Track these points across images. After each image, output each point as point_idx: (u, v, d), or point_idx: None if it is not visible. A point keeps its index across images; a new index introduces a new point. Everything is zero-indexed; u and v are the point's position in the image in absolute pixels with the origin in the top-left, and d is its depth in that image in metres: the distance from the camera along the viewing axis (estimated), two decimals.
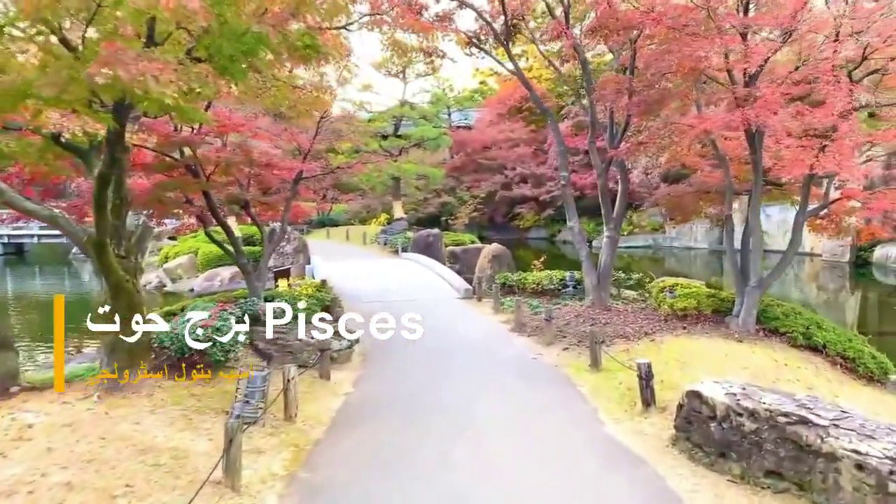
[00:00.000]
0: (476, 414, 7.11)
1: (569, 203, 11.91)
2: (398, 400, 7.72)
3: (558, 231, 37.78)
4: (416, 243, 22.63)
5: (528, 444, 6.25)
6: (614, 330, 10.04)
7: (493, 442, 6.34)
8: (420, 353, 9.89)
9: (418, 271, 18.62)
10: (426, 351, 10.00)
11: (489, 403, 7.44)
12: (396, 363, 9.55)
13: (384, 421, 6.96)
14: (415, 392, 8.01)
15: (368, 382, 8.57)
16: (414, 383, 8.44)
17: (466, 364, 9.30)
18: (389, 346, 10.50)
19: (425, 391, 8.03)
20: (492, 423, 6.80)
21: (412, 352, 10.05)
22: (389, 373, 9.11)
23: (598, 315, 11.09)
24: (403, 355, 9.88)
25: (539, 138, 39.26)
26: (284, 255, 21.18)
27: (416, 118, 29.65)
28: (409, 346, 10.41)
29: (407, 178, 28.23)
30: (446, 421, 6.87)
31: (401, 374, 8.99)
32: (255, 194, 12.27)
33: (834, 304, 25.17)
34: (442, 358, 9.68)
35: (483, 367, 9.08)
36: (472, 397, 7.66)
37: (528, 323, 11.49)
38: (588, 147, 11.71)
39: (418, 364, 9.40)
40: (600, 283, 11.60)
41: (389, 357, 9.89)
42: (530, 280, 13.88)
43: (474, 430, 6.60)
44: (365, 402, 7.69)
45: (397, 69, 28.38)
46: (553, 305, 12.73)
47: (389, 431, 6.64)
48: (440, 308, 13.76)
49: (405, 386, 8.35)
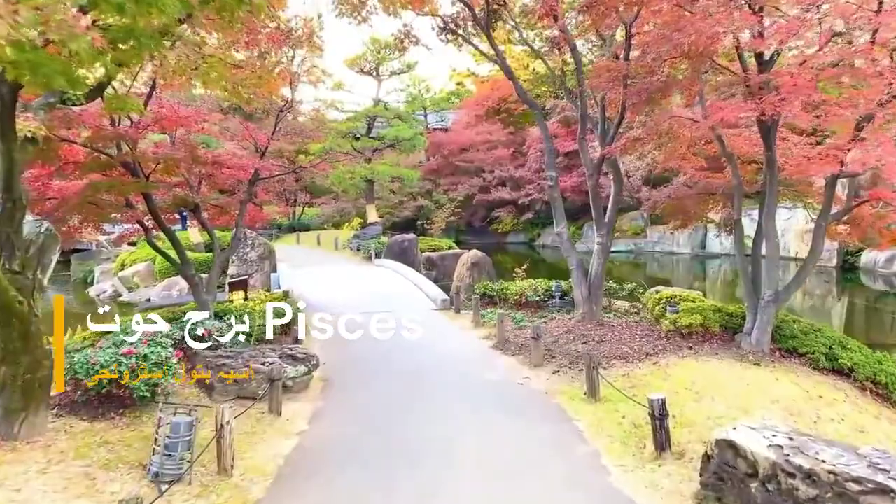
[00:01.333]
0: (454, 461, 5.86)
1: (556, 206, 10.73)
2: (360, 442, 6.42)
3: (538, 235, 36.80)
4: (390, 249, 21.36)
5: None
6: (611, 349, 8.88)
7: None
8: (390, 378, 8.64)
9: (392, 280, 17.34)
10: (397, 375, 8.75)
11: (470, 448, 6.18)
12: (362, 391, 8.26)
13: (341, 472, 5.68)
14: (381, 430, 6.72)
15: (327, 417, 7.27)
16: (381, 418, 7.15)
17: (443, 392, 8.03)
18: (355, 368, 9.22)
19: (393, 429, 6.75)
20: (473, 477, 5.55)
21: (381, 375, 8.79)
22: (353, 403, 7.81)
23: (591, 331, 9.94)
24: (371, 380, 8.62)
25: (517, 140, 38.25)
26: (248, 263, 19.73)
27: (390, 118, 28.37)
28: (377, 368, 9.14)
29: (381, 180, 26.94)
30: (418, 474, 5.61)
31: (366, 405, 7.69)
32: (205, 196, 10.91)
33: (820, 310, 24.38)
34: (415, 383, 8.42)
35: (463, 397, 7.81)
36: (450, 439, 6.39)
37: (513, 339, 10.30)
38: (578, 144, 10.56)
39: (387, 392, 8.11)
40: (591, 295, 10.44)
41: (354, 383, 8.61)
42: (513, 290, 12.68)
43: (452, 487, 5.35)
44: (321, 446, 6.39)
45: (371, 66, 27.10)
46: (539, 319, 11.55)
47: (346, 488, 5.37)
48: (415, 321, 12.49)
49: (370, 422, 7.05)
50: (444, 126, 40.96)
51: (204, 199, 10.89)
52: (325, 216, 36.90)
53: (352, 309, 13.75)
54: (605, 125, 10.35)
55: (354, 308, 13.81)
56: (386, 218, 33.95)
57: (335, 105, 27.32)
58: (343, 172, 26.15)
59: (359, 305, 14.06)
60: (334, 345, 10.57)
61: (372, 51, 26.37)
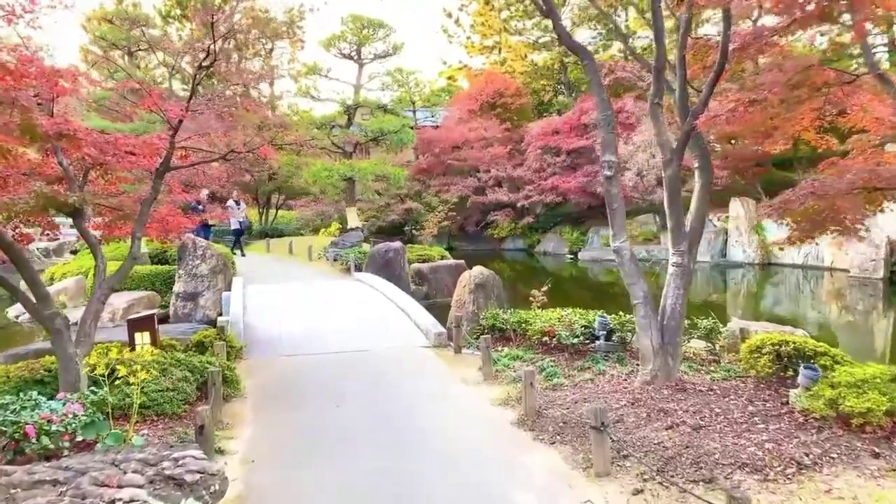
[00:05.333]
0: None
1: (615, 208, 7.08)
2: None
3: (537, 241, 33.32)
4: (372, 260, 17.77)
5: None
6: (722, 447, 5.34)
7: None
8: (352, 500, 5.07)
9: (373, 301, 13.76)
10: (366, 491, 5.17)
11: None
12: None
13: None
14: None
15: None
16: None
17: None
18: (299, 474, 5.63)
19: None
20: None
21: (338, 493, 5.20)
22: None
23: (672, 401, 6.42)
24: (317, 496, 5.07)
25: (515, 137, 34.79)
26: (198, 279, 16.09)
27: (373, 107, 24.82)
28: (333, 469, 5.54)
29: (363, 179, 23.32)
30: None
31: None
32: (89, 195, 7.28)
33: (862, 327, 21.00)
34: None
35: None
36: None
37: (547, 410, 6.79)
38: (650, 112, 6.98)
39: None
40: (666, 343, 6.91)
41: None
42: (536, 326, 9.12)
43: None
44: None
45: (351, 48, 23.52)
46: (579, 372, 8.03)
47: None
48: (399, 370, 8.96)
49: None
50: (435, 122, 37.46)
51: (90, 198, 7.28)
52: (303, 220, 33.25)
53: (314, 346, 10.23)
54: (684, 88, 6.84)
55: (318, 345, 10.29)
56: (371, 222, 30.33)
57: (309, 92, 23.72)
58: (319, 170, 22.54)
59: (324, 341, 10.51)
60: (272, 411, 7.09)
61: (352, 30, 22.81)
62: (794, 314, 19.27)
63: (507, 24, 41.11)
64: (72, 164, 7.75)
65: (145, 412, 6.62)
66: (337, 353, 9.92)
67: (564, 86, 41.28)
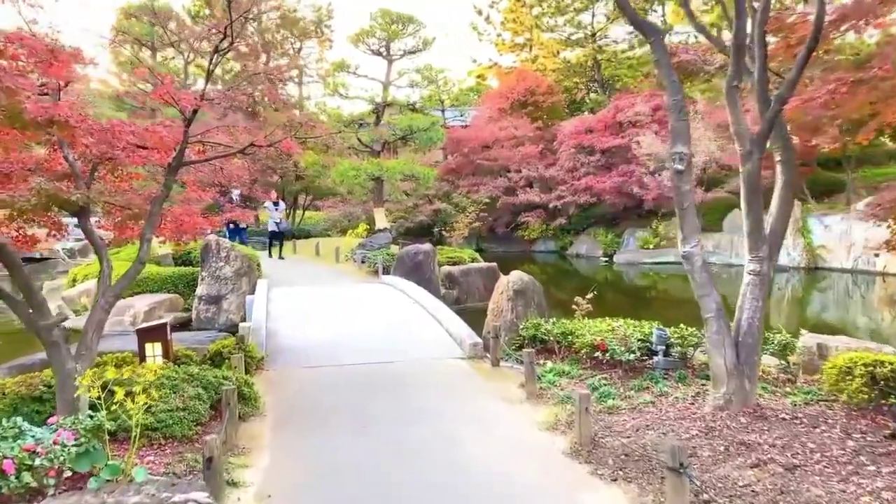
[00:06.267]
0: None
1: (686, 207, 6.07)
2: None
3: (569, 243, 32.27)
4: (401, 263, 16.99)
5: None
6: (827, 494, 4.43)
7: None
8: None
9: (402, 307, 13.00)
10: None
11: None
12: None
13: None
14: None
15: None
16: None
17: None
18: None
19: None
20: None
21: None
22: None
23: (752, 432, 5.51)
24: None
25: (546, 136, 33.82)
26: (222, 281, 15.52)
27: (402, 106, 24.10)
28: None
29: (391, 178, 22.58)
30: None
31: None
32: (94, 192, 6.61)
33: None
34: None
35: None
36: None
37: (604, 438, 5.93)
38: (726, 97, 6.03)
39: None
40: (742, 362, 6.00)
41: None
42: (585, 340, 8.21)
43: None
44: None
45: (380, 44, 22.82)
46: (636, 392, 7.14)
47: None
48: (433, 386, 8.16)
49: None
50: (464, 122, 36.65)
51: (95, 195, 6.62)
52: (330, 221, 32.73)
53: (340, 356, 9.50)
54: (764, 70, 5.90)
55: (344, 355, 9.55)
56: (398, 223, 29.63)
57: (338, 90, 23.08)
58: (346, 169, 21.86)
59: (350, 351, 9.77)
60: (293, 434, 6.35)
61: (381, 25, 22.11)
62: (844, 321, 18.10)
63: (538, 21, 40.15)
64: (79, 158, 7.13)
65: (152, 434, 5.92)
66: (364, 364, 9.16)
67: (598, 83, 40.20)
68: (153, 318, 15.69)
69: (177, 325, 15.82)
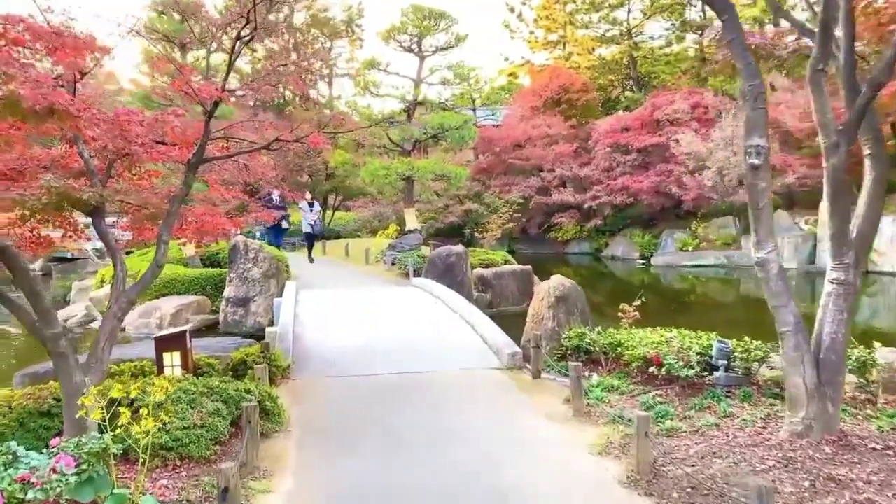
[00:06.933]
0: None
1: (762, 207, 5.25)
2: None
3: (605, 245, 31.37)
4: (432, 265, 16.41)
5: None
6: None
7: None
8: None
9: (434, 312, 12.42)
10: None
11: None
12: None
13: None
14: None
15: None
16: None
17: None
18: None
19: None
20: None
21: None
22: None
23: (841, 465, 4.80)
24: None
25: (581, 135, 32.97)
26: (250, 283, 15.15)
27: (433, 104, 23.53)
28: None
29: (422, 178, 22.03)
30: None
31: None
32: (108, 191, 6.15)
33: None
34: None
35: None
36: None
37: (666, 469, 5.27)
38: (809, 82, 5.28)
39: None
40: (824, 383, 5.28)
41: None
42: (637, 352, 7.52)
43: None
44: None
45: (411, 41, 22.29)
46: (697, 412, 6.44)
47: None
48: (470, 401, 7.56)
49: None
50: (495, 121, 35.96)
51: (109, 194, 6.16)
52: (361, 221, 32.37)
53: (370, 365, 8.96)
54: (851, 52, 5.16)
55: (374, 363, 9.03)
56: (428, 224, 29.10)
57: (368, 88, 22.61)
58: (377, 168, 21.37)
59: (381, 359, 9.23)
60: (319, 454, 5.82)
61: (413, 21, 21.58)
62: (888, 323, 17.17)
63: (572, 18, 39.29)
64: (95, 155, 6.70)
65: (166, 455, 5.42)
66: (395, 374, 8.61)
67: (633, 81, 39.19)
68: (180, 320, 15.40)
69: (204, 327, 15.52)
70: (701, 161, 26.04)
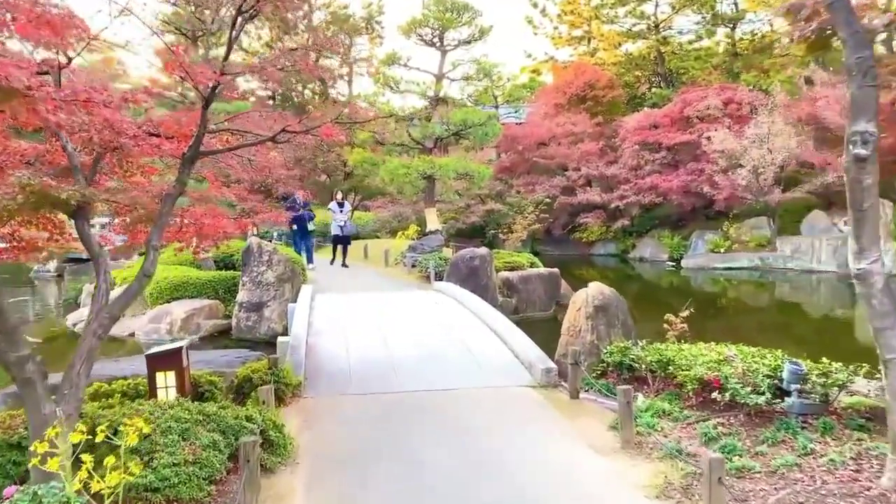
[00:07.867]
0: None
1: (865, 209, 4.38)
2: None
3: (632, 246, 30.33)
4: (455, 268, 15.56)
5: None
6: None
7: None
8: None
9: (459, 320, 11.56)
10: None
11: None
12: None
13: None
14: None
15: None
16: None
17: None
18: None
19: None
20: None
21: None
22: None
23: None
24: None
25: (606, 133, 31.95)
26: (263, 287, 14.45)
27: (454, 101, 22.72)
28: None
29: (443, 177, 21.20)
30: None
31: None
32: (90, 189, 5.39)
33: None
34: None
35: None
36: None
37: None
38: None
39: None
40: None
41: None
42: (692, 372, 6.61)
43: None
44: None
45: (433, 34, 21.48)
46: (769, 446, 5.51)
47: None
48: (500, 425, 6.68)
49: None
50: (518, 120, 35.03)
51: (91, 193, 5.40)
52: (380, 222, 31.61)
53: (388, 381, 8.13)
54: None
55: (393, 379, 8.19)
56: (449, 225, 28.27)
57: (388, 83, 21.84)
58: (396, 167, 20.59)
59: (400, 374, 8.40)
60: (331, 491, 4.96)
61: (435, 14, 20.77)
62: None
63: (597, 12, 38.21)
64: (82, 149, 5.96)
65: (151, 497, 4.63)
66: (416, 392, 7.77)
67: (661, 77, 38.00)
68: (191, 325, 14.72)
69: (216, 333, 14.83)
70: (734, 159, 24.94)
